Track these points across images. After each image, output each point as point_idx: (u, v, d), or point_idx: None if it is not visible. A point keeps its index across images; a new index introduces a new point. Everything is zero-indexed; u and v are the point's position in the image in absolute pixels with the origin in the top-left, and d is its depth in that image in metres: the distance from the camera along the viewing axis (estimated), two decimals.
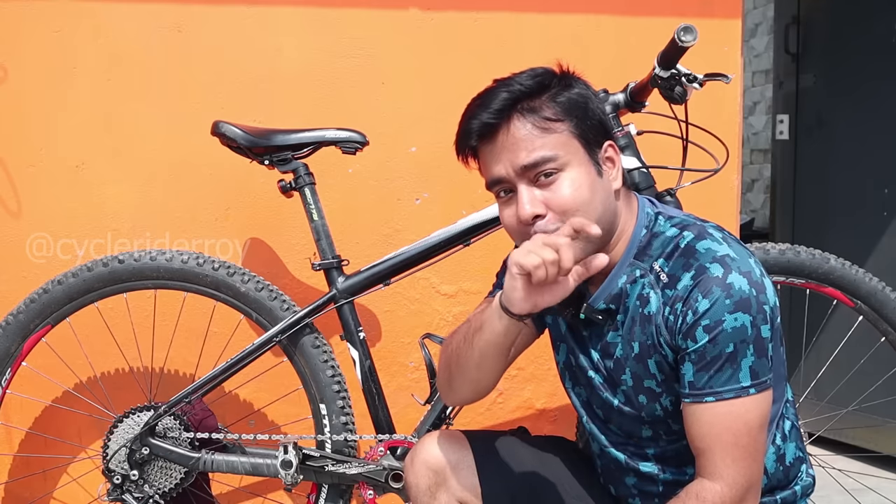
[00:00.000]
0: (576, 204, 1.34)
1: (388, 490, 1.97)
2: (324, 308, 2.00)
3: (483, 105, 1.38)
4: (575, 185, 1.34)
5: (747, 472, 1.32)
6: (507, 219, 1.40)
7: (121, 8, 2.29)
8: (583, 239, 1.31)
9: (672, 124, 1.88)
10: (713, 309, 1.30)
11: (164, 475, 1.99)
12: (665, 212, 1.45)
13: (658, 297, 1.37)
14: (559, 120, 1.35)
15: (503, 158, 1.36)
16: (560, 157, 1.34)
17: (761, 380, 1.32)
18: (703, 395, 1.32)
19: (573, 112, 1.37)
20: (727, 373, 1.31)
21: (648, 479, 1.48)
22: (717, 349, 1.31)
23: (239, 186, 2.32)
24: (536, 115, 1.35)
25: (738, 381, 1.31)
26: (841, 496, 2.37)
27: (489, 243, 2.09)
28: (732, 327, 1.30)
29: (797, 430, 1.51)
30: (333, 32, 2.35)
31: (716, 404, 1.32)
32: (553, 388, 2.42)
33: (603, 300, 1.43)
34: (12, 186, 2.28)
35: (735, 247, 1.36)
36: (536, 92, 1.36)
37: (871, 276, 2.11)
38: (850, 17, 3.30)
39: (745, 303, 1.30)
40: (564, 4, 2.39)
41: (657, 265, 1.38)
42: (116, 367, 2.30)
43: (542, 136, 1.34)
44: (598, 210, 1.37)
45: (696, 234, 1.37)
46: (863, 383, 2.48)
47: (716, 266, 1.32)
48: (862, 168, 3.27)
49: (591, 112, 1.39)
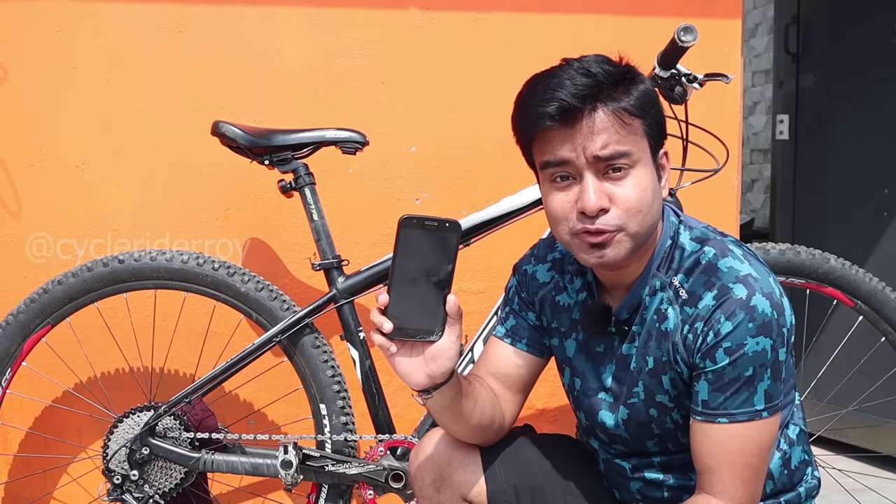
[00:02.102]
0: (640, 205, 1.30)
1: (388, 490, 1.97)
2: (324, 308, 2.00)
3: (560, 86, 1.28)
4: (642, 185, 1.31)
5: (753, 494, 1.33)
6: (558, 204, 1.33)
7: (121, 8, 2.29)
8: (630, 237, 1.31)
9: (672, 124, 1.88)
10: (736, 332, 1.29)
11: (164, 475, 1.99)
12: (686, 222, 1.43)
13: (676, 313, 1.36)
14: (638, 116, 1.31)
15: (577, 145, 1.29)
16: (634, 154, 1.30)
17: (774, 402, 1.32)
18: (717, 416, 1.31)
19: (647, 108, 1.32)
20: (743, 395, 1.30)
21: (654, 484, 1.48)
22: (735, 372, 1.29)
23: (239, 186, 2.32)
24: (620, 106, 1.29)
25: (752, 404, 1.30)
26: (841, 496, 2.37)
27: (489, 243, 2.09)
28: (754, 351, 1.29)
29: (804, 433, 1.50)
30: (333, 32, 2.35)
31: (728, 426, 1.31)
32: (553, 388, 2.42)
33: (626, 311, 1.42)
34: (12, 186, 2.28)
35: (756, 266, 1.34)
36: (619, 81, 1.31)
37: (871, 276, 2.11)
38: (850, 17, 3.30)
39: (768, 326, 1.29)
40: (564, 4, 2.39)
41: (676, 280, 1.36)
42: (116, 367, 2.30)
43: (623, 129, 1.29)
44: (655, 216, 1.34)
45: (717, 250, 1.35)
46: (863, 383, 2.48)
47: (739, 287, 1.30)
48: (862, 168, 3.26)
49: (660, 111, 1.36)
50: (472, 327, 2.29)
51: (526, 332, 1.56)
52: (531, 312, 1.57)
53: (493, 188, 2.27)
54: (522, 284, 1.58)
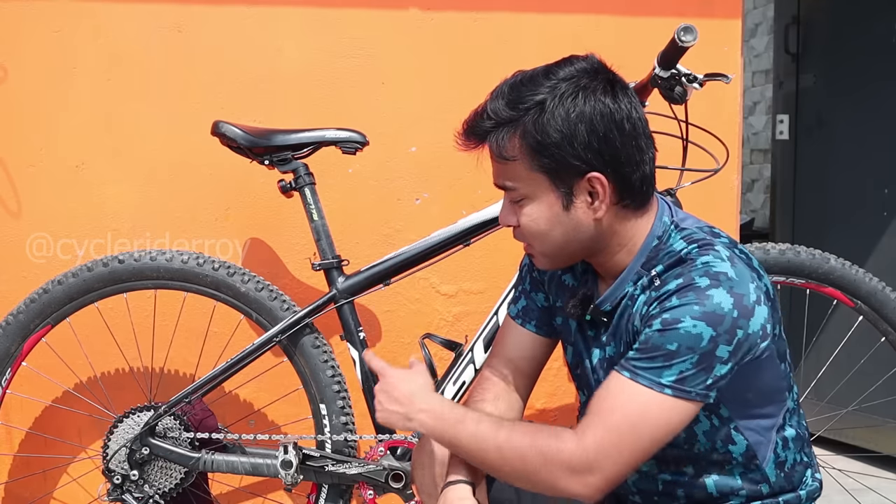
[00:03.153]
0: (530, 234, 1.40)
1: (388, 490, 1.97)
2: (324, 308, 2.00)
3: (469, 123, 1.41)
4: (531, 217, 1.39)
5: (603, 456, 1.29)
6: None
7: (121, 8, 2.29)
8: (540, 254, 1.42)
9: (672, 124, 1.88)
10: (678, 309, 1.28)
11: (164, 475, 1.99)
12: (681, 223, 1.43)
13: (645, 298, 1.37)
14: (517, 158, 1.36)
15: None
16: (520, 189, 1.38)
17: (686, 389, 1.28)
18: (624, 368, 1.31)
19: (542, 149, 1.34)
20: (656, 363, 1.29)
21: (649, 478, 1.48)
22: (660, 340, 1.28)
23: (239, 186, 2.32)
24: (500, 148, 1.37)
25: (659, 375, 1.28)
26: (841, 496, 2.37)
27: (489, 243, 2.09)
28: (687, 331, 1.27)
29: (802, 438, 1.49)
30: (333, 32, 2.35)
31: (625, 381, 1.30)
32: (553, 388, 2.42)
33: (609, 303, 1.43)
34: (12, 186, 2.28)
35: (739, 268, 1.32)
36: (501, 125, 1.36)
37: (871, 276, 2.11)
38: (850, 17, 3.30)
39: (717, 318, 1.27)
40: (564, 4, 2.39)
41: (654, 271, 1.37)
42: (116, 367, 2.30)
43: (504, 166, 1.38)
44: (558, 242, 1.39)
45: (701, 248, 1.35)
46: (863, 383, 2.48)
47: (704, 279, 1.29)
48: (862, 168, 3.27)
49: (576, 142, 1.33)
50: (473, 327, 2.30)
51: (536, 313, 1.60)
52: (541, 293, 1.60)
53: (493, 188, 2.25)
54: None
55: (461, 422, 1.39)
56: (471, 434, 1.38)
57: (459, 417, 1.40)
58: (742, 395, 1.38)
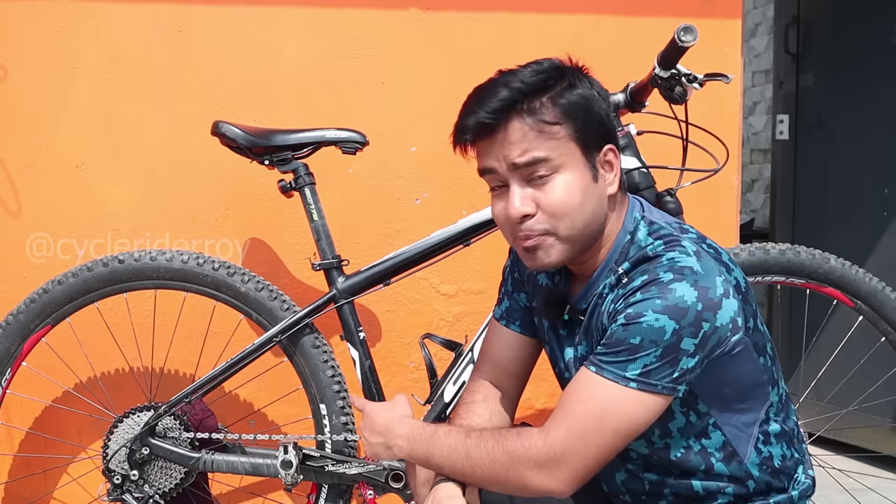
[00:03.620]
0: (566, 208, 1.33)
1: (388, 490, 1.97)
2: (324, 308, 2.00)
3: (481, 102, 1.35)
4: (567, 188, 1.33)
5: (569, 450, 1.29)
6: (497, 211, 1.40)
7: (121, 8, 2.29)
8: (561, 240, 1.34)
9: (672, 124, 1.88)
10: (641, 303, 1.28)
11: (164, 475, 1.99)
12: (650, 217, 1.43)
13: (611, 298, 1.37)
14: (558, 123, 1.33)
15: (498, 154, 1.35)
16: (554, 159, 1.33)
17: (651, 382, 1.28)
18: (591, 363, 1.32)
19: (574, 114, 1.34)
20: (620, 357, 1.29)
21: (636, 477, 1.48)
22: (624, 334, 1.28)
23: (239, 186, 2.32)
24: (535, 116, 1.33)
25: (623, 368, 1.28)
26: (841, 496, 2.37)
27: (489, 243, 2.09)
28: (649, 325, 1.27)
29: (788, 433, 1.47)
30: (333, 32, 2.35)
31: (590, 375, 1.30)
32: (553, 388, 2.41)
33: (585, 302, 1.43)
34: (12, 186, 2.28)
35: (706, 262, 1.31)
36: (538, 91, 1.34)
37: (871, 276, 2.11)
38: (850, 17, 3.30)
39: (680, 311, 1.26)
40: (564, 4, 2.39)
41: (622, 269, 1.37)
42: (116, 367, 2.30)
43: (539, 137, 1.32)
44: (588, 216, 1.36)
45: (667, 244, 1.35)
46: (863, 383, 2.48)
47: (668, 274, 1.29)
48: (862, 168, 3.27)
49: (593, 114, 1.37)
50: (473, 327, 2.30)
51: (519, 313, 1.60)
52: (523, 293, 1.60)
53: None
54: (516, 264, 1.61)
55: (431, 438, 1.42)
56: (441, 446, 1.40)
57: (430, 434, 1.42)
58: (718, 389, 1.37)
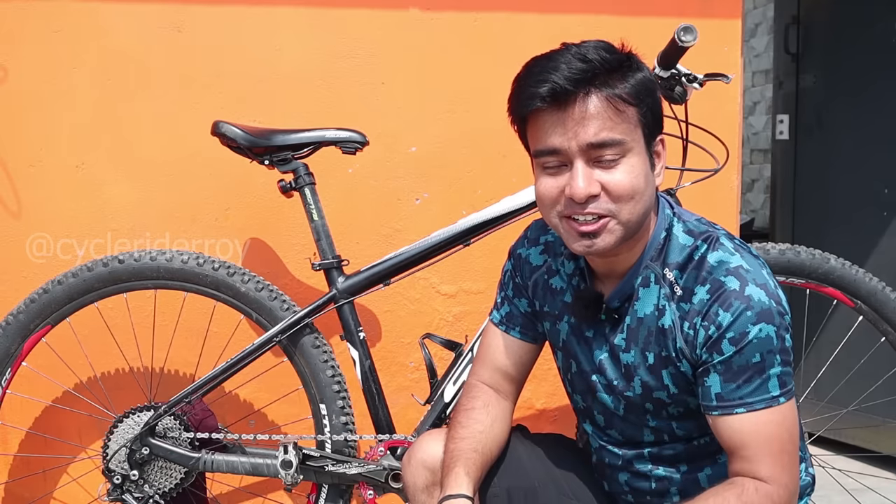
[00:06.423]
0: (632, 192, 1.30)
1: (388, 490, 1.97)
2: (324, 308, 2.00)
3: (556, 69, 1.28)
4: (634, 172, 1.31)
5: (796, 475, 1.33)
6: (547, 189, 1.34)
7: (121, 8, 2.29)
8: (622, 224, 1.31)
9: (672, 124, 1.88)
10: (737, 322, 1.29)
11: (164, 475, 1.99)
12: (681, 215, 1.44)
13: (672, 310, 1.36)
14: (632, 104, 1.30)
15: (569, 130, 1.28)
16: (626, 142, 1.30)
17: (788, 387, 1.32)
18: (734, 407, 1.31)
19: (644, 97, 1.32)
20: (756, 383, 1.30)
21: (642, 475, 1.48)
22: (743, 359, 1.30)
23: (239, 186, 2.32)
24: (614, 92, 1.28)
25: (767, 391, 1.30)
26: (841, 496, 2.37)
27: (489, 243, 2.09)
28: (758, 338, 1.29)
29: None
30: (333, 32, 2.35)
31: (750, 415, 1.31)
32: (553, 388, 2.42)
33: (618, 299, 1.43)
34: (12, 186, 2.28)
35: (747, 258, 1.35)
36: (615, 68, 1.30)
37: (871, 276, 2.11)
38: (850, 17, 3.31)
39: (767, 314, 1.30)
40: (564, 4, 2.39)
41: (671, 275, 1.37)
42: (116, 367, 2.30)
43: (616, 116, 1.29)
44: (647, 204, 1.34)
45: (708, 244, 1.36)
46: (863, 383, 2.48)
47: (731, 279, 1.31)
48: (862, 168, 3.27)
49: (657, 100, 1.36)
50: (473, 327, 2.30)
51: (519, 319, 1.59)
52: (523, 299, 1.59)
53: (493, 188, 2.27)
54: (517, 268, 1.60)
55: None
56: None
57: None
58: None
